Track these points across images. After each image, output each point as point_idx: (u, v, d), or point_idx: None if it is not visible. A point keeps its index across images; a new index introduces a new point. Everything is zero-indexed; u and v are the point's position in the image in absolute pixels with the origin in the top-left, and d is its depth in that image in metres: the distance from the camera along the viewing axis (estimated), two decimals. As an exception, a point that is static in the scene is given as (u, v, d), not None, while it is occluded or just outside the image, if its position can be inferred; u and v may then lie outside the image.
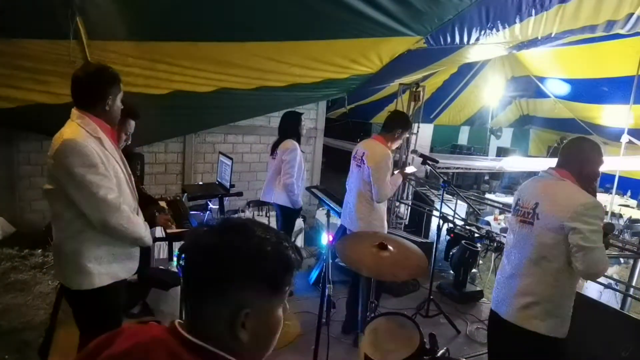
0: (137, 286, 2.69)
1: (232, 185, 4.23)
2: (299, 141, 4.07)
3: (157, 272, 3.19)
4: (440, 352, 1.77)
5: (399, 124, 3.42)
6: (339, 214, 3.78)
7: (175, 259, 3.41)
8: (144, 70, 3.86)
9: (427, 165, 3.65)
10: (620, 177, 5.92)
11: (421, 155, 3.65)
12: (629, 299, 3.67)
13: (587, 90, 8.14)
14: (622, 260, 5.32)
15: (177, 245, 3.35)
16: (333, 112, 9.00)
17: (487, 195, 7.50)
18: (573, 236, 1.91)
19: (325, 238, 2.39)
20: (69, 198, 1.89)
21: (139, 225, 2.06)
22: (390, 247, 2.02)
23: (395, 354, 1.87)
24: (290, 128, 4.10)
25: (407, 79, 6.05)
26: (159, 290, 2.87)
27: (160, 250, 4.00)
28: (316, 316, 2.42)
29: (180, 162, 5.98)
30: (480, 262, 5.13)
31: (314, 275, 4.50)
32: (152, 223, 2.31)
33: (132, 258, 2.18)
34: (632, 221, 7.29)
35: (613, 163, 5.83)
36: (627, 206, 8.10)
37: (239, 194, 4.34)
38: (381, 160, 3.24)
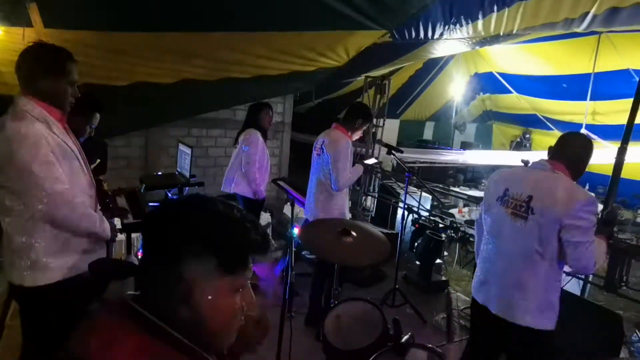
0: (92, 281, 2.59)
1: (192, 176, 4.14)
2: (263, 132, 4.02)
3: (112, 263, 3.06)
4: (405, 337, 1.78)
5: (359, 114, 3.41)
6: (304, 205, 3.76)
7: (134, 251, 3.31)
8: (105, 61, 3.73)
9: (392, 156, 3.67)
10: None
11: (386, 145, 3.67)
12: (588, 285, 3.83)
13: (548, 86, 8.43)
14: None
15: (135, 237, 3.26)
16: (301, 106, 8.98)
17: (452, 189, 7.66)
18: (570, 232, 1.92)
19: (292, 231, 2.38)
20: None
21: (91, 218, 1.93)
22: (353, 233, 2.02)
23: (358, 340, 1.87)
24: (252, 118, 4.05)
25: (373, 73, 6.09)
26: (118, 283, 2.76)
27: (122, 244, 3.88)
28: (281, 309, 2.40)
29: (142, 157, 5.81)
30: (446, 253, 5.24)
31: (280, 268, 4.48)
32: (110, 214, 2.22)
33: (96, 251, 2.08)
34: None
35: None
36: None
37: (200, 184, 4.25)
38: (340, 148, 3.22)
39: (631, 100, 3.78)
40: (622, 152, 3.95)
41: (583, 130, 6.72)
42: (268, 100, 4.65)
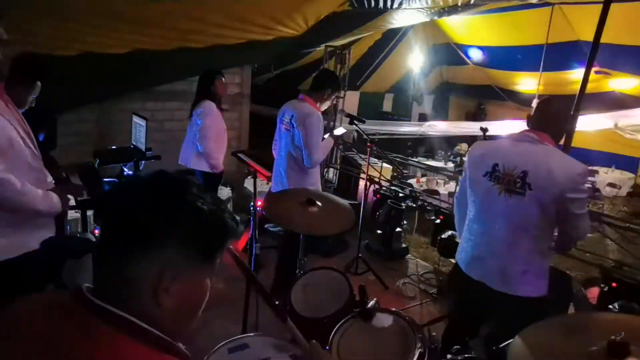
0: (43, 260, 2.47)
1: (148, 149, 3.99)
2: (217, 102, 3.85)
3: (67, 239, 2.93)
4: (371, 303, 1.81)
5: (328, 83, 3.25)
6: (267, 178, 3.71)
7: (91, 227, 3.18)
8: (52, 29, 3.48)
9: (354, 125, 3.66)
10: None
11: (348, 115, 3.65)
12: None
13: (503, 57, 8.61)
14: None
15: (91, 214, 3.12)
16: (260, 77, 8.80)
17: (411, 159, 7.79)
18: (569, 205, 1.92)
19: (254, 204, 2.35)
20: None
21: (31, 196, 1.81)
22: (318, 203, 2.02)
23: (325, 308, 1.89)
24: (204, 89, 3.85)
25: (333, 43, 6.02)
26: (73, 261, 2.66)
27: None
28: (245, 282, 2.38)
29: (95, 132, 5.54)
30: (405, 222, 5.36)
31: (243, 241, 4.44)
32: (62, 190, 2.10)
33: (43, 226, 1.97)
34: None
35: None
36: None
37: (157, 157, 4.10)
38: (312, 124, 3.08)
39: (581, 70, 3.90)
40: (573, 120, 4.10)
41: (536, 101, 6.94)
42: (225, 71, 4.50)
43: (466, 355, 1.50)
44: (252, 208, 3.36)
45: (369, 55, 8.91)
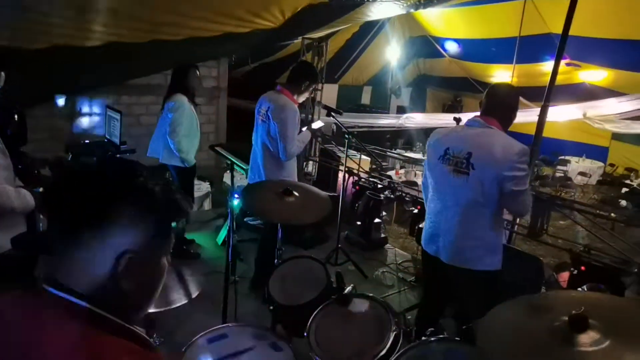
0: (15, 259, 2.43)
1: (123, 142, 3.93)
2: (190, 96, 3.80)
3: (38, 236, 2.86)
4: (347, 289, 1.85)
5: (306, 75, 3.25)
6: (245, 171, 3.71)
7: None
8: (17, 21, 3.38)
9: (331, 117, 3.67)
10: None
11: (325, 107, 3.66)
12: (514, 234, 4.15)
13: (478, 50, 8.74)
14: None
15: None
16: (238, 70, 8.74)
17: (389, 152, 7.86)
18: (509, 183, 2.06)
19: (232, 196, 2.35)
20: None
21: (5, 195, 1.79)
22: (295, 193, 2.04)
23: (303, 296, 1.92)
24: (177, 82, 3.80)
25: (311, 35, 6.01)
26: (47, 257, 2.61)
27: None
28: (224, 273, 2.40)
29: (67, 127, 5.43)
30: (384, 213, 5.43)
31: (222, 235, 4.44)
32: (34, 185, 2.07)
33: (15, 226, 1.95)
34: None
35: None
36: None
37: (132, 151, 4.04)
38: (288, 116, 3.08)
39: (552, 62, 4.01)
40: (544, 110, 4.22)
41: (509, 92, 7.08)
42: (202, 64, 4.45)
43: (440, 336, 1.55)
44: (229, 201, 3.35)
45: (346, 48, 8.94)
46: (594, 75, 7.93)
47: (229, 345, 1.78)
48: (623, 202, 7.62)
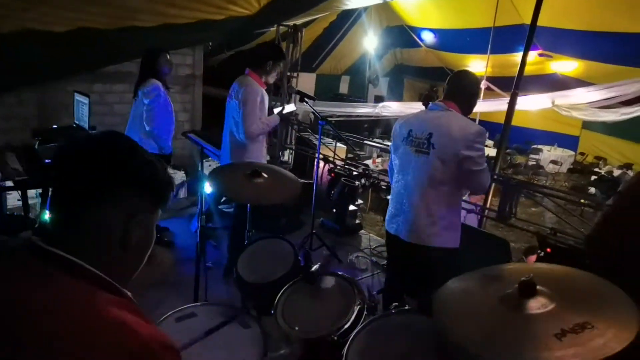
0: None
1: (92, 127, 3.87)
2: (163, 81, 3.75)
3: (4, 217, 2.82)
4: (315, 267, 1.88)
5: (268, 54, 3.27)
6: (218, 158, 3.70)
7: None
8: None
9: (305, 103, 3.68)
10: (479, 120, 6.63)
11: (298, 92, 3.66)
12: (485, 219, 4.25)
13: (453, 40, 8.83)
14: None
15: (32, 194, 3.03)
16: (214, 58, 8.66)
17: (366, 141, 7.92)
18: (466, 162, 2.17)
19: (203, 180, 2.36)
20: None
21: None
22: (264, 174, 2.06)
23: (271, 274, 1.95)
24: (149, 67, 3.74)
25: (287, 23, 5.98)
26: (7, 237, 2.58)
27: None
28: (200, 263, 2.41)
29: (39, 116, 5.30)
30: (360, 201, 5.49)
31: (195, 222, 4.42)
32: None
33: None
34: (488, 158, 8.25)
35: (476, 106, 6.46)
36: (486, 146, 9.14)
37: (102, 135, 3.97)
38: (248, 95, 3.11)
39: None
40: (514, 97, 4.33)
41: (484, 82, 7.20)
42: (177, 52, 4.39)
43: (401, 308, 1.60)
44: (200, 187, 3.34)
45: (324, 37, 8.93)
46: (565, 65, 8.11)
47: (198, 324, 1.80)
48: (592, 190, 7.86)
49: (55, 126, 4.34)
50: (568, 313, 1.11)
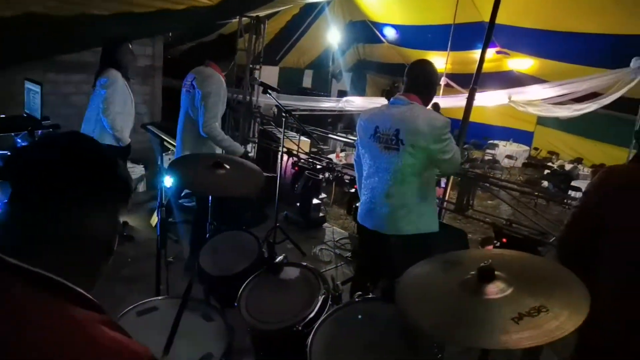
0: None
1: (45, 117, 3.69)
2: (123, 72, 3.63)
3: None
4: (279, 258, 1.87)
5: (229, 47, 3.32)
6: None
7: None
8: None
9: (268, 95, 3.65)
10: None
11: (261, 84, 3.62)
12: (444, 211, 4.37)
13: (415, 36, 8.96)
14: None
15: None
16: (175, 49, 8.44)
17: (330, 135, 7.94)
18: (437, 154, 2.25)
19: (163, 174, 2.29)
20: None
21: None
22: (226, 166, 2.02)
23: (235, 266, 1.93)
24: (109, 56, 3.60)
25: (249, 14, 5.90)
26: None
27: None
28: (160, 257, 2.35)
29: (-15, 104, 5.00)
30: (324, 195, 5.51)
31: (156, 217, 4.32)
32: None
33: None
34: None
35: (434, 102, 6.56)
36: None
37: (55, 126, 3.80)
38: (213, 84, 3.07)
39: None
40: (472, 92, 4.45)
41: (444, 78, 7.36)
42: (136, 42, 4.24)
43: (365, 296, 1.62)
44: (160, 181, 3.25)
45: (287, 30, 8.87)
46: (522, 63, 8.40)
47: (160, 318, 1.76)
48: (545, 183, 8.21)
49: (2, 115, 4.10)
50: (525, 297, 1.16)
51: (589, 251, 1.53)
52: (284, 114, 3.61)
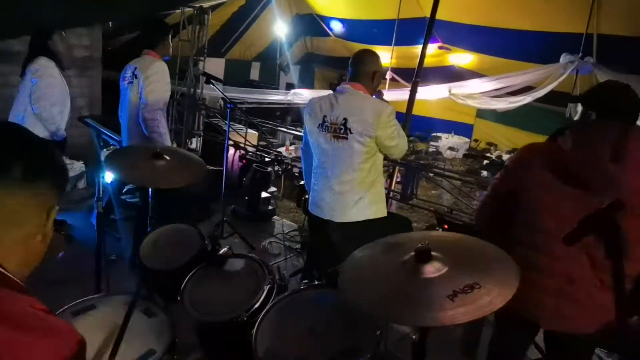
0: None
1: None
2: (57, 60, 3.40)
3: None
4: (223, 250, 1.85)
5: (157, 30, 3.15)
6: (118, 143, 3.47)
7: None
8: None
9: (211, 85, 3.57)
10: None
11: (204, 74, 3.54)
12: (390, 200, 4.48)
13: (361, 30, 9.06)
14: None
15: None
16: (115, 40, 8.08)
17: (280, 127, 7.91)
18: (384, 140, 2.30)
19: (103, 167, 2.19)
20: None
21: None
22: (166, 157, 1.96)
23: (177, 260, 1.88)
24: (40, 43, 3.37)
25: (193, 4, 5.75)
26: None
27: None
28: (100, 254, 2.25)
29: None
30: (274, 189, 5.48)
31: (95, 216, 4.12)
32: None
33: None
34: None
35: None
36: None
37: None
38: (154, 71, 2.98)
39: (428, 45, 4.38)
40: (414, 86, 4.58)
41: (389, 73, 7.52)
42: (72, 31, 4.01)
43: (310, 284, 1.64)
44: (105, 183, 3.10)
45: (233, 22, 8.73)
46: (462, 58, 8.72)
47: (99, 316, 1.69)
48: (484, 173, 8.61)
49: None
50: (459, 275, 1.21)
51: (504, 220, 1.68)
52: (228, 105, 3.55)
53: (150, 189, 2.23)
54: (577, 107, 1.74)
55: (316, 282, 1.67)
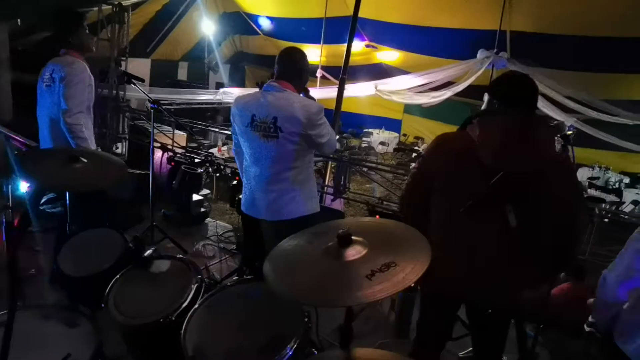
0: None
1: None
2: None
3: None
4: (147, 252, 1.80)
5: (68, 24, 2.94)
6: (30, 148, 3.24)
7: None
8: None
9: (133, 85, 3.43)
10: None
11: (124, 74, 3.38)
12: (324, 195, 4.56)
13: (289, 29, 9.10)
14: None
15: None
16: (27, 39, 7.50)
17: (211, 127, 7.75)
18: (314, 138, 2.30)
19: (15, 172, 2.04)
20: None
21: None
22: (83, 159, 1.87)
23: (100, 265, 1.81)
24: None
25: (112, 2, 5.48)
26: None
27: None
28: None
29: None
30: (208, 191, 5.38)
31: (4, 229, 3.82)
32: None
33: None
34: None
35: (312, 94, 6.77)
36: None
37: None
38: (74, 72, 2.79)
39: (355, 43, 4.49)
40: (342, 82, 4.70)
41: (319, 70, 7.62)
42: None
43: (238, 279, 1.64)
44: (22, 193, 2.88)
45: (157, 21, 8.43)
46: (388, 56, 9.02)
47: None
48: (413, 165, 8.99)
49: None
50: (377, 256, 1.27)
51: (424, 206, 1.81)
52: (151, 106, 3.43)
53: (67, 194, 2.11)
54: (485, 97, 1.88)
55: (245, 277, 1.67)
